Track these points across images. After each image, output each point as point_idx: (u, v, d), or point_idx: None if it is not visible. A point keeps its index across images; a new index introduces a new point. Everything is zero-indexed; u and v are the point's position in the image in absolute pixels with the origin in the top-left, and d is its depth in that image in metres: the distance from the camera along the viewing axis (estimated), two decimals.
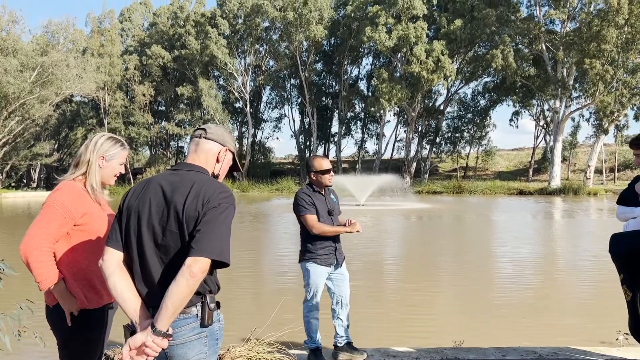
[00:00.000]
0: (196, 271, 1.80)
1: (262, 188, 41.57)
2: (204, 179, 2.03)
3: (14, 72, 36.46)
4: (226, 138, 2.23)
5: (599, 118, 36.83)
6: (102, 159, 2.56)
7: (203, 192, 1.94)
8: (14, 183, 47.03)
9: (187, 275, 1.79)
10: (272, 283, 8.14)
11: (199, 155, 2.16)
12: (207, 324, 1.96)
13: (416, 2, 38.07)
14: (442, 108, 46.90)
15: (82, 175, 2.53)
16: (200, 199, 1.93)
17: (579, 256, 10.73)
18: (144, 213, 1.96)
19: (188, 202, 1.92)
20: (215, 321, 2.01)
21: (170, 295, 1.80)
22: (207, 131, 2.20)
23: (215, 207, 1.92)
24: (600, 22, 33.05)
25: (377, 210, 22.83)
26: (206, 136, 2.19)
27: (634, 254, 2.28)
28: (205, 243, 1.85)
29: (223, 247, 1.90)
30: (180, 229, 1.91)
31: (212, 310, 1.97)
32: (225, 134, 2.24)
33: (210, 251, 1.85)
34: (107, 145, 2.59)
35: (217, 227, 1.90)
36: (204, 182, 2.00)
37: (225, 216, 1.94)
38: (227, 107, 49.83)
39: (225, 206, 1.95)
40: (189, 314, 1.93)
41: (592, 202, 28.53)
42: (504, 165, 52.17)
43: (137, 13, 58.37)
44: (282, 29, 44.66)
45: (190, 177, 2.02)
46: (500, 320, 5.93)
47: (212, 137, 2.19)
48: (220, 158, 2.21)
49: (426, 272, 8.98)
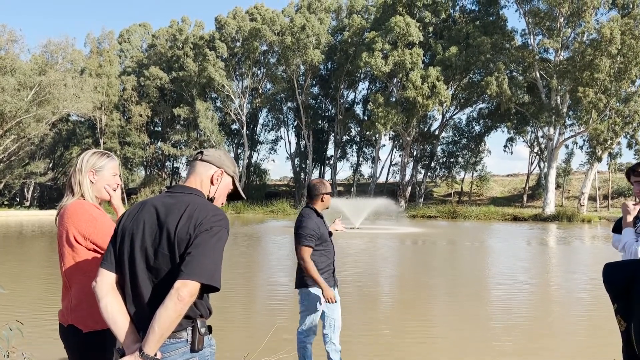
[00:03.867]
0: (184, 295, 1.77)
1: (257, 210, 41.48)
2: (198, 201, 2.00)
3: (12, 91, 36.56)
4: (224, 161, 2.20)
5: (592, 146, 37.14)
6: (92, 174, 2.57)
7: (196, 215, 1.92)
8: (7, 201, 46.73)
9: (175, 299, 1.76)
10: (265, 307, 8.07)
11: (195, 177, 2.14)
12: (198, 349, 1.91)
13: (412, 29, 38.63)
14: (437, 133, 47.23)
15: (81, 197, 2.55)
16: (192, 222, 1.90)
17: (573, 284, 10.71)
18: (138, 235, 1.95)
19: (180, 224, 1.90)
20: (207, 346, 1.96)
21: (158, 318, 1.77)
22: (204, 153, 2.19)
23: (207, 230, 1.89)
24: (593, 51, 33.59)
25: (372, 233, 22.79)
26: (202, 158, 2.17)
27: (631, 284, 2.27)
28: (195, 266, 1.82)
29: (213, 271, 1.85)
30: (172, 252, 1.89)
31: (202, 335, 1.93)
32: (223, 157, 2.21)
33: (200, 274, 1.81)
34: (94, 159, 2.61)
35: (208, 250, 1.87)
36: (198, 205, 1.97)
37: (217, 239, 1.90)
38: (224, 129, 50.01)
39: (217, 229, 1.92)
40: (179, 338, 1.89)
41: (586, 229, 28.59)
42: (498, 191, 52.33)
43: (136, 34, 58.93)
44: (279, 52, 45.14)
45: (184, 200, 2.00)
46: (495, 349, 5.88)
47: (207, 158, 2.17)
48: (215, 180, 2.16)
49: (420, 297, 8.92)
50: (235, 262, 13.89)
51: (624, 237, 3.07)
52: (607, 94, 34.20)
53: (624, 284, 2.26)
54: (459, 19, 43.31)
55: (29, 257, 14.76)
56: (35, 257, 14.58)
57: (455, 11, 44.14)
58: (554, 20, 37.02)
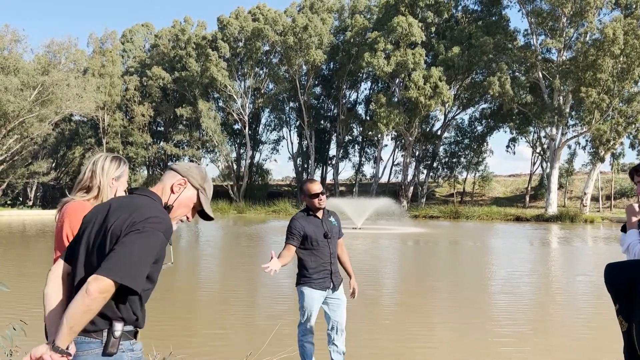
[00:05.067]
0: (92, 290, 1.72)
1: (259, 210, 41.49)
2: (146, 203, 1.99)
3: (15, 91, 36.63)
4: (191, 172, 2.16)
5: (595, 146, 37.07)
6: (113, 181, 2.63)
7: (135, 214, 1.90)
8: (10, 201, 46.83)
9: (84, 293, 1.73)
10: (267, 307, 8.08)
11: (160, 184, 2.14)
12: (109, 353, 1.85)
13: (415, 29, 38.60)
14: (440, 133, 47.20)
15: (94, 198, 2.58)
16: (129, 220, 1.88)
17: (575, 285, 10.69)
18: (87, 229, 1.98)
19: (118, 221, 1.89)
20: (126, 351, 1.90)
21: (67, 311, 1.75)
22: (176, 163, 2.22)
23: (138, 230, 1.85)
24: (596, 51, 33.53)
25: (374, 233, 22.78)
26: (171, 167, 2.18)
27: (633, 284, 2.28)
28: (111, 263, 1.78)
29: (130, 271, 1.78)
30: (103, 247, 1.88)
31: (117, 338, 1.86)
32: (193, 168, 2.19)
33: (114, 272, 1.76)
34: (114, 167, 2.64)
35: (131, 249, 1.81)
36: (143, 206, 1.95)
37: (145, 241, 1.84)
38: (226, 129, 50.05)
39: (149, 231, 1.86)
40: (95, 339, 1.86)
41: (589, 229, 28.53)
42: (500, 191, 52.26)
43: (138, 34, 59.01)
44: (282, 53, 45.16)
45: (137, 201, 1.99)
46: (497, 350, 5.88)
47: (175, 167, 2.17)
48: (176, 189, 2.12)
49: (423, 300, 8.92)
50: (236, 262, 13.92)
51: (628, 238, 3.07)
52: (609, 94, 34.13)
53: (626, 284, 2.27)
54: (462, 19, 43.27)
55: (32, 256, 14.81)
56: (38, 256, 14.62)
57: (457, 11, 44.10)
58: (557, 20, 36.95)
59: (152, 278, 1.97)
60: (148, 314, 2.07)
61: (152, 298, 2.07)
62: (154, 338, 5.71)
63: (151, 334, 6.07)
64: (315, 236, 4.15)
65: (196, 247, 17.86)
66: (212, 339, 5.99)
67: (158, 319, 6.90)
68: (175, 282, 10.31)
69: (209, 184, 2.21)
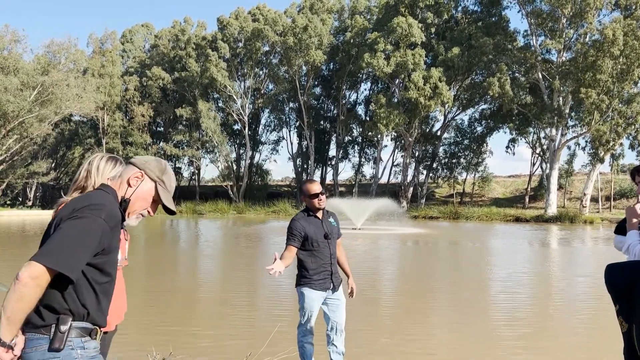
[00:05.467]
0: (23, 276, 1.65)
1: (259, 210, 41.48)
2: (95, 194, 1.96)
3: (14, 91, 36.63)
4: (149, 165, 2.10)
5: (594, 147, 37.08)
6: (108, 181, 2.58)
7: (77, 202, 1.88)
8: (10, 201, 46.81)
9: (15, 279, 1.66)
10: (267, 307, 8.07)
11: (119, 178, 2.09)
12: (55, 348, 1.76)
13: (414, 29, 38.62)
14: (439, 134, 47.21)
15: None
16: (70, 207, 1.85)
17: (575, 286, 10.69)
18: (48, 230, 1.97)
19: (62, 212, 1.87)
20: (75, 348, 1.80)
21: (4, 300, 1.68)
22: (135, 157, 2.16)
23: (76, 216, 1.80)
24: (595, 52, 33.54)
25: (374, 234, 22.78)
26: (129, 160, 2.14)
27: (633, 285, 2.27)
28: (44, 249, 1.72)
29: (63, 256, 1.70)
30: (47, 237, 1.86)
31: (62, 332, 1.77)
32: (151, 161, 2.12)
33: (45, 257, 1.68)
34: (109, 167, 2.60)
35: (66, 234, 1.75)
36: (90, 196, 1.92)
37: (82, 227, 1.77)
38: (226, 129, 50.05)
39: (87, 217, 1.79)
40: (44, 334, 1.78)
41: (589, 230, 28.54)
42: (500, 192, 52.27)
43: (138, 35, 59.00)
44: (281, 53, 45.17)
45: (90, 194, 1.97)
46: (497, 352, 5.88)
47: (133, 161, 2.12)
48: (132, 182, 2.05)
49: (423, 302, 8.92)
50: (236, 263, 13.92)
51: (629, 238, 3.07)
52: (609, 95, 34.14)
53: (626, 285, 2.27)
54: (461, 20, 43.30)
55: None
56: None
57: (457, 12, 44.13)
58: (557, 21, 36.97)
59: (106, 270, 1.88)
60: (148, 314, 2.06)
61: (151, 298, 2.05)
62: (153, 338, 5.71)
63: (151, 334, 6.06)
64: (316, 237, 4.15)
65: (196, 248, 17.86)
66: (212, 339, 5.99)
67: (158, 319, 6.89)
68: (174, 283, 10.30)
69: (168, 176, 2.13)
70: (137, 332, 6.03)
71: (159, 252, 15.55)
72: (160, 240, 20.63)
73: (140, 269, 11.80)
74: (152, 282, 10.15)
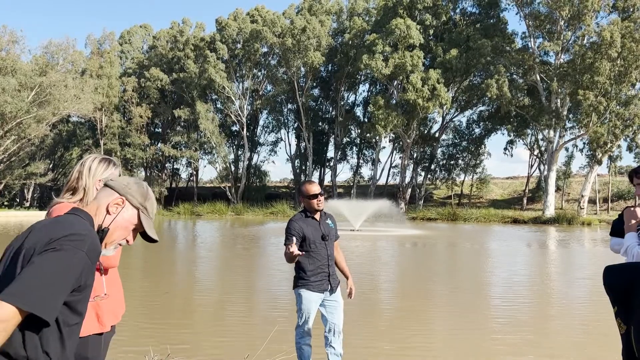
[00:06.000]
0: None
1: (257, 211, 41.46)
2: (71, 220, 1.69)
3: (12, 92, 36.59)
4: (131, 190, 1.86)
5: (592, 149, 37.15)
6: (99, 183, 2.51)
7: (51, 232, 1.61)
8: (7, 202, 46.71)
9: None
10: (265, 309, 8.06)
11: (94, 203, 1.84)
12: None
13: (413, 31, 38.66)
14: (437, 135, 47.25)
15: (80, 201, 2.47)
16: (44, 239, 1.59)
17: (573, 287, 10.70)
18: (5, 255, 1.67)
19: (34, 240, 1.60)
20: None
21: None
22: (113, 179, 1.90)
23: (53, 248, 1.55)
24: (593, 54, 33.62)
25: (372, 235, 22.77)
26: (107, 183, 1.88)
27: (631, 287, 2.27)
28: (14, 286, 1.47)
29: (38, 296, 1.47)
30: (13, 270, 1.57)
31: None
32: (132, 184, 1.88)
33: (15, 296, 1.44)
34: (102, 169, 2.54)
35: (41, 269, 1.50)
36: (66, 222, 1.66)
37: (60, 260, 1.53)
38: (224, 130, 50.03)
39: (67, 249, 1.56)
40: None
41: (586, 232, 28.58)
42: (498, 194, 52.31)
43: (137, 36, 58.95)
44: (280, 54, 45.18)
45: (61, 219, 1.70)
46: (495, 356, 5.87)
47: (112, 184, 1.86)
48: (112, 209, 1.82)
49: (421, 302, 8.91)
50: (234, 264, 13.91)
51: (627, 240, 3.07)
52: (607, 97, 34.22)
53: (625, 287, 2.27)
54: (460, 22, 43.35)
55: None
56: None
57: (455, 14, 44.19)
58: (555, 23, 37.07)
59: (78, 310, 1.64)
60: (145, 316, 2.03)
61: (148, 300, 2.01)
62: (151, 340, 5.70)
63: (149, 336, 6.04)
64: (313, 238, 4.14)
65: (193, 249, 17.84)
66: (210, 341, 5.97)
67: (155, 321, 6.88)
68: (172, 284, 10.28)
69: (151, 202, 1.91)
70: (134, 334, 6.01)
71: (156, 253, 15.51)
72: (158, 242, 20.57)
73: (137, 270, 11.78)
74: (149, 284, 10.13)
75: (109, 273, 2.56)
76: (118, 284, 2.66)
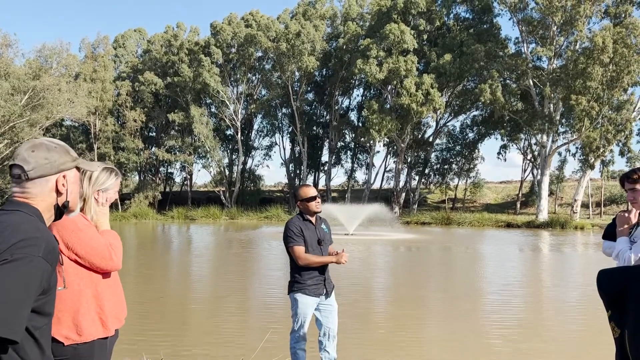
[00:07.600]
0: None
1: (251, 216, 41.39)
2: (15, 221, 1.54)
3: (5, 95, 36.39)
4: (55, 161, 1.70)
5: (585, 153, 37.35)
6: (97, 193, 2.51)
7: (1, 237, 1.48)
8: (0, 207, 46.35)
9: None
10: (259, 314, 8.04)
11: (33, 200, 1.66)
12: None
13: (407, 36, 38.81)
14: (431, 140, 47.37)
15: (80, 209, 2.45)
16: None
17: (567, 292, 10.74)
18: None
19: None
20: None
21: None
22: (26, 169, 1.65)
23: (6, 259, 1.42)
24: (585, 60, 33.85)
25: (366, 240, 22.77)
26: (28, 177, 1.65)
27: (625, 291, 2.29)
28: None
29: (2, 317, 1.35)
30: None
31: None
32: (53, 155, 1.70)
33: None
34: (103, 178, 2.52)
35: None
36: (9, 227, 1.51)
37: (19, 272, 1.41)
38: (218, 135, 49.94)
39: (22, 258, 1.43)
40: None
41: (579, 236, 28.71)
42: (491, 198, 52.48)
43: (131, 40, 58.81)
44: (274, 59, 45.21)
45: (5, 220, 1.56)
46: None
47: (36, 174, 1.66)
48: (61, 188, 1.70)
49: (415, 307, 8.92)
50: (229, 268, 13.86)
51: (619, 244, 3.09)
52: (599, 102, 34.45)
53: (618, 291, 2.28)
54: (453, 27, 43.54)
55: None
56: None
57: (449, 19, 44.38)
58: (547, 29, 37.32)
59: (46, 311, 1.55)
60: (138, 321, 2.03)
61: (142, 305, 2.02)
62: (144, 345, 5.67)
63: (142, 340, 6.01)
64: (310, 242, 4.14)
65: (187, 254, 17.77)
66: (204, 345, 5.95)
67: (149, 325, 6.84)
68: (166, 289, 10.24)
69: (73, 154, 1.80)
70: (127, 339, 5.98)
71: (150, 258, 15.45)
72: (152, 246, 20.51)
73: (131, 275, 11.72)
74: (143, 289, 10.08)
75: (110, 276, 2.56)
76: (119, 286, 2.67)
